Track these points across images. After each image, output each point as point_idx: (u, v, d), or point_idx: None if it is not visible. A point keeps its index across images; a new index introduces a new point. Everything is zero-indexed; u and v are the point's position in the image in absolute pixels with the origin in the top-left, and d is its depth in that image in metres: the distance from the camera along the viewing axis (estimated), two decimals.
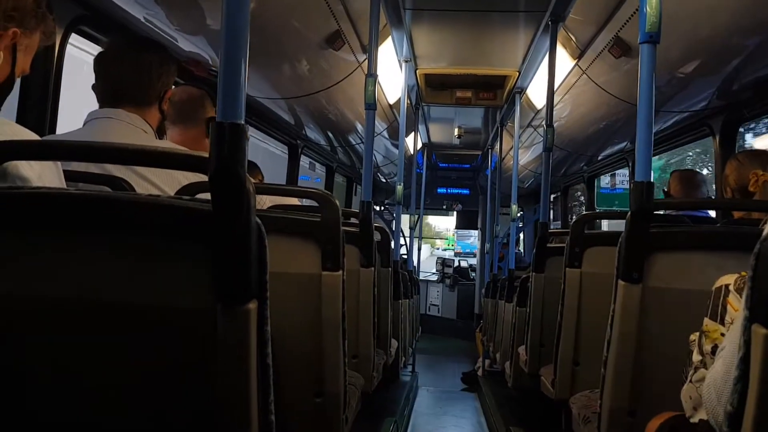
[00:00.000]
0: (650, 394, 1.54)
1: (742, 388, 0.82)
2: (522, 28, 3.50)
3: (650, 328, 1.52)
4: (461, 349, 7.98)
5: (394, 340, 3.19)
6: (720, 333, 1.14)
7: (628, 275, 1.51)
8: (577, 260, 2.16)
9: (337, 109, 4.23)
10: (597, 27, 2.85)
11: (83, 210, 0.83)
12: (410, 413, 4.21)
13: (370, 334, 2.26)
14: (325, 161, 5.79)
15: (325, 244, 1.62)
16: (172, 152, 0.86)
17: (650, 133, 1.55)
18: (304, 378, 1.65)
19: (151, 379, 0.87)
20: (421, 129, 6.58)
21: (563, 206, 6.72)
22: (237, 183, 0.81)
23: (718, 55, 2.49)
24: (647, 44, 1.56)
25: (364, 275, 2.22)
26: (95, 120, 1.56)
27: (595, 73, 3.24)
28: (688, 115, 3.29)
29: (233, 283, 0.82)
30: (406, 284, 4.05)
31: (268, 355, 0.88)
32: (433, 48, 4.03)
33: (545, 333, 2.71)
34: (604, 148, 4.77)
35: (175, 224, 0.83)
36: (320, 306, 1.63)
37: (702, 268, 1.50)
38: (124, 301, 0.85)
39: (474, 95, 4.93)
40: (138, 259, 0.84)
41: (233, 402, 0.85)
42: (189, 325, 0.86)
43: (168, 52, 1.71)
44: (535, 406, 3.29)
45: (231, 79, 0.83)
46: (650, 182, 1.50)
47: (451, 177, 9.73)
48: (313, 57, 3.12)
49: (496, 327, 4.86)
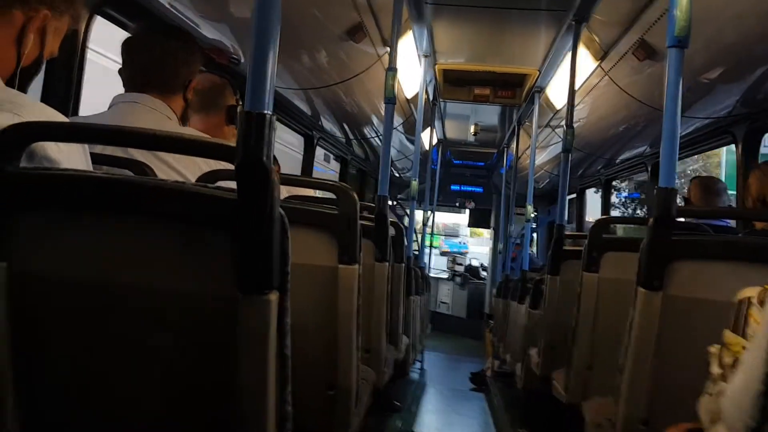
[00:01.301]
0: (666, 403, 1.52)
1: (764, 403, 0.81)
2: (544, 26, 3.47)
3: (669, 337, 1.49)
4: (470, 348, 7.96)
5: (405, 337, 3.19)
6: (741, 346, 1.12)
7: (649, 282, 1.48)
8: (595, 265, 2.14)
9: (355, 102, 4.22)
10: (622, 28, 2.81)
11: (110, 193, 0.83)
12: (418, 410, 4.21)
13: (383, 330, 2.25)
14: (339, 153, 5.78)
15: (342, 237, 1.62)
16: (200, 140, 0.86)
17: (676, 138, 1.52)
18: (317, 370, 1.64)
19: (171, 364, 0.87)
20: (437, 125, 6.56)
21: (578, 208, 6.67)
22: (263, 173, 0.80)
23: (743, 62, 2.46)
24: (675, 48, 1.54)
25: (378, 270, 2.21)
26: (121, 104, 1.56)
27: (617, 75, 3.21)
28: (710, 122, 3.25)
29: (255, 273, 0.82)
30: (417, 281, 4.04)
31: (286, 347, 0.88)
32: (453, 44, 4.01)
33: (558, 336, 2.68)
34: (622, 151, 4.73)
35: (199, 212, 0.82)
36: (336, 299, 1.63)
37: (724, 279, 1.47)
38: (146, 285, 0.84)
39: (492, 93, 4.90)
40: (162, 244, 0.84)
41: (251, 390, 0.85)
42: (210, 313, 0.86)
43: (194, 41, 1.71)
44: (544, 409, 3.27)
45: (260, 70, 0.83)
46: (673, 189, 1.48)
47: (465, 174, 9.70)
48: (334, 49, 3.11)
49: (506, 328, 4.84)
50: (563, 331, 2.45)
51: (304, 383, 1.60)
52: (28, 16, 1.05)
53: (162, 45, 1.61)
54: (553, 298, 2.71)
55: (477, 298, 9.40)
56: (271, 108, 0.82)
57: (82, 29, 1.97)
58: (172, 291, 0.85)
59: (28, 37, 1.05)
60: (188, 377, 0.88)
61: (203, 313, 0.86)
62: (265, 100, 0.82)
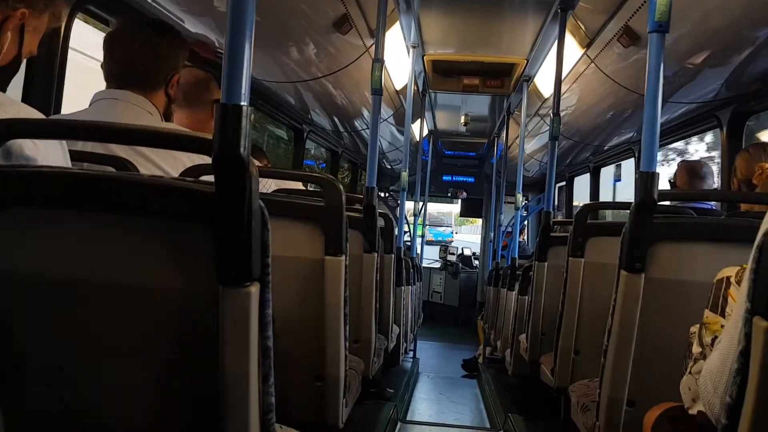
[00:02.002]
0: (649, 384, 1.54)
1: (741, 380, 0.83)
2: (531, 15, 3.48)
3: (651, 319, 1.52)
4: (463, 336, 8.01)
5: (396, 326, 3.20)
6: (720, 325, 1.14)
7: (631, 265, 1.50)
8: (580, 250, 2.16)
9: (344, 94, 4.22)
10: (606, 15, 2.82)
11: (86, 190, 0.83)
12: (410, 398, 4.23)
13: (372, 320, 2.26)
14: (330, 146, 5.78)
15: (328, 229, 1.63)
16: (175, 133, 0.86)
17: (656, 123, 1.54)
18: (305, 362, 1.66)
19: (154, 359, 0.88)
20: (428, 116, 6.56)
21: (568, 196, 6.70)
22: (240, 165, 0.80)
23: (728, 47, 2.47)
24: (656, 33, 1.55)
25: (367, 261, 2.22)
26: (101, 101, 1.56)
27: (603, 62, 3.22)
28: (696, 107, 3.27)
29: (235, 265, 0.83)
30: (408, 271, 4.06)
31: (269, 338, 0.88)
32: (441, 34, 4.01)
33: (546, 322, 2.71)
34: (610, 138, 4.75)
35: (177, 205, 0.83)
36: (323, 291, 1.64)
37: (705, 260, 1.49)
38: (127, 281, 0.85)
39: (481, 83, 4.91)
40: (140, 239, 0.84)
41: (234, 383, 0.85)
42: (192, 306, 0.86)
43: (179, 35, 1.70)
44: (535, 394, 3.31)
45: (235, 60, 0.83)
46: (655, 173, 1.50)
47: (457, 165, 9.71)
48: (320, 41, 3.11)
49: (497, 315, 4.87)
50: (551, 316, 2.47)
51: (292, 374, 1.63)
52: (5, 14, 1.04)
53: (144, 40, 1.60)
54: (540, 285, 2.74)
55: (469, 287, 9.45)
56: (247, 99, 0.83)
57: (63, 26, 1.96)
58: (153, 286, 0.86)
59: (6, 36, 1.05)
60: (171, 371, 0.88)
61: (185, 307, 0.86)
62: (241, 92, 0.82)
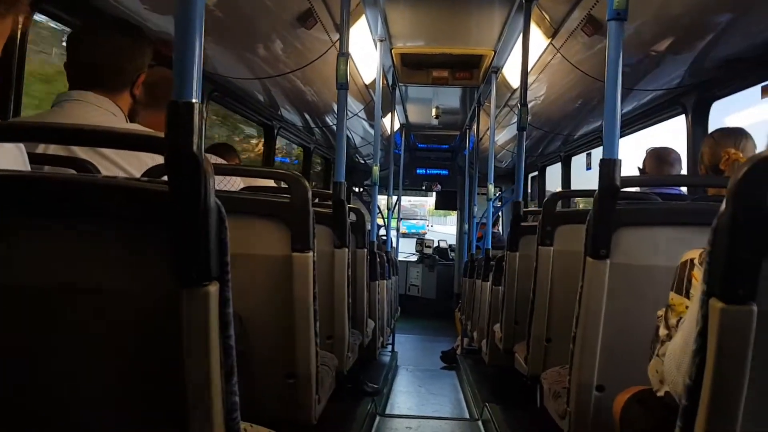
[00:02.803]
0: (617, 369, 1.56)
1: (700, 361, 0.84)
2: (497, 6, 3.50)
3: (617, 304, 1.54)
4: (441, 328, 8.05)
5: (371, 321, 3.20)
6: (685, 306, 1.16)
7: (596, 252, 1.52)
8: (549, 238, 2.18)
9: (313, 90, 4.20)
10: (570, 5, 2.85)
11: (35, 193, 0.81)
12: (389, 392, 4.24)
13: (345, 315, 2.26)
14: (302, 142, 5.75)
15: (295, 225, 1.61)
16: (128, 133, 0.84)
17: (617, 111, 1.56)
18: (275, 359, 1.65)
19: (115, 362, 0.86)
20: (399, 109, 6.55)
21: (540, 186, 6.76)
22: (193, 164, 0.79)
23: (690, 33, 2.50)
24: (615, 21, 1.57)
25: (338, 256, 2.22)
26: (63, 102, 1.53)
27: (569, 51, 3.24)
28: (661, 94, 3.31)
29: (192, 265, 0.81)
30: (383, 265, 4.06)
31: (230, 337, 0.87)
32: (408, 27, 4.01)
33: (519, 311, 2.73)
34: (579, 127, 4.80)
35: (131, 206, 0.81)
36: (291, 288, 1.63)
37: (668, 244, 1.52)
38: (84, 285, 0.83)
39: (450, 75, 4.92)
40: (95, 242, 0.82)
41: (196, 383, 0.84)
42: (150, 308, 0.85)
43: (143, 35, 1.67)
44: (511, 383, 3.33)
45: (185, 56, 0.81)
46: (617, 159, 1.51)
47: (430, 157, 9.74)
48: (286, 36, 3.09)
49: (473, 306, 4.90)
50: (524, 305, 2.49)
51: (263, 373, 1.62)
52: None
53: (108, 41, 1.57)
54: (513, 274, 2.76)
55: (446, 279, 9.50)
56: (198, 96, 0.82)
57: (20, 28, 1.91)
58: (111, 289, 0.84)
59: None
60: (133, 374, 0.87)
61: (143, 309, 0.85)
62: (192, 88, 0.81)
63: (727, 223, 0.79)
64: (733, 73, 2.73)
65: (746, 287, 0.79)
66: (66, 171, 1.40)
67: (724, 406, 0.82)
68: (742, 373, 0.80)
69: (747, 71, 2.63)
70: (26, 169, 1.14)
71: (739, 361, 0.80)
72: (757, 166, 0.78)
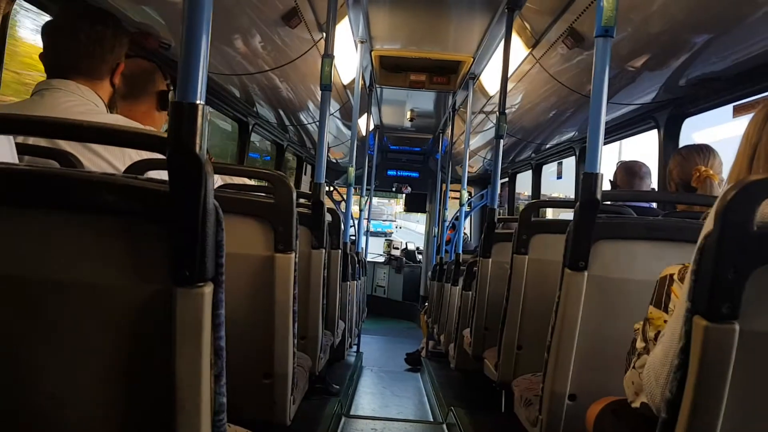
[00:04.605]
0: (590, 379, 1.60)
1: (681, 376, 0.87)
2: (478, 14, 3.53)
3: (594, 315, 1.57)
4: (406, 330, 8.08)
5: (342, 321, 3.21)
6: (663, 320, 1.19)
7: (575, 263, 1.55)
8: (524, 247, 2.21)
9: (290, 88, 4.18)
10: (552, 17, 2.88)
11: (34, 186, 0.80)
12: (354, 392, 4.25)
13: (319, 316, 2.26)
14: (275, 140, 5.71)
15: (278, 225, 1.61)
16: (130, 131, 0.83)
17: (601, 125, 1.59)
18: (253, 359, 1.64)
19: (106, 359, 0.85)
20: (374, 111, 6.56)
21: (510, 193, 6.84)
22: (195, 164, 0.79)
23: (667, 51, 2.56)
24: (602, 38, 1.59)
25: (315, 257, 2.22)
26: (44, 91, 1.50)
27: (547, 62, 3.29)
28: (635, 108, 3.38)
29: (189, 265, 0.81)
30: (354, 266, 4.06)
31: (221, 338, 0.87)
32: (390, 30, 4.02)
33: (490, 317, 2.76)
34: (552, 136, 4.87)
35: (130, 204, 0.80)
36: (272, 288, 1.62)
37: (644, 258, 1.55)
38: (76, 280, 0.82)
39: (428, 79, 4.95)
40: (91, 237, 0.82)
41: (186, 383, 0.84)
42: (143, 306, 0.84)
43: (121, 24, 1.65)
44: (477, 388, 3.37)
45: (192, 59, 0.81)
46: (599, 173, 1.54)
47: (402, 159, 9.78)
48: (268, 34, 3.06)
49: (441, 309, 4.93)
50: (495, 312, 2.52)
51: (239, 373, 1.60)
52: None
53: (88, 30, 1.55)
54: (485, 280, 2.78)
55: (413, 281, 9.56)
56: (203, 98, 0.81)
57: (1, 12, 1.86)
58: (105, 286, 0.83)
59: None
60: (122, 371, 0.86)
61: (136, 307, 0.84)
62: (197, 90, 0.81)
63: (714, 243, 0.82)
64: (707, 91, 2.80)
65: (730, 306, 0.82)
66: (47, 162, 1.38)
67: (702, 420, 0.85)
68: (722, 389, 0.83)
69: (720, 90, 2.71)
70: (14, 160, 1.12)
71: (720, 378, 0.83)
72: (746, 189, 0.81)
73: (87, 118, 1.04)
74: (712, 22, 2.18)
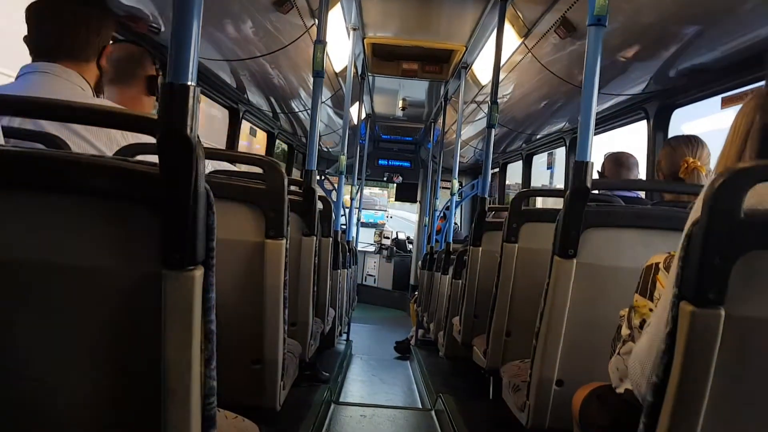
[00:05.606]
0: (577, 365, 1.62)
1: (667, 360, 0.88)
2: (471, 3, 3.52)
3: (582, 302, 1.58)
4: (396, 318, 8.11)
5: (332, 309, 3.21)
6: (648, 308, 1.21)
7: (564, 251, 1.56)
8: (514, 235, 2.22)
9: (282, 75, 4.16)
10: (545, 6, 2.88)
11: (22, 169, 0.79)
12: (344, 380, 4.26)
13: (309, 303, 2.26)
14: (266, 127, 5.69)
15: (270, 212, 1.61)
16: (120, 112, 0.83)
17: (592, 115, 1.60)
18: (243, 345, 1.64)
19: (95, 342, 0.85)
20: (366, 99, 6.55)
21: (501, 182, 6.86)
22: (186, 147, 0.79)
23: (658, 42, 2.57)
24: (595, 27, 1.60)
25: (306, 244, 2.22)
26: (29, 74, 1.48)
27: (540, 52, 3.29)
28: (625, 98, 3.40)
29: (179, 248, 0.81)
30: (345, 254, 4.07)
31: (212, 322, 0.87)
32: (382, 17, 4.00)
33: (479, 305, 2.78)
34: (543, 127, 4.88)
35: (120, 187, 0.80)
36: (262, 274, 1.62)
37: (631, 246, 1.57)
38: (65, 263, 0.82)
39: (420, 68, 4.95)
40: (80, 220, 0.81)
41: (176, 367, 0.84)
42: (133, 289, 0.84)
43: (107, 6, 1.63)
44: (465, 375, 3.39)
45: (183, 39, 0.80)
46: (589, 162, 1.55)
47: (393, 149, 9.78)
48: (259, 19, 3.04)
49: (431, 298, 4.95)
50: (484, 300, 2.54)
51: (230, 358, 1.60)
52: None
53: (74, 11, 1.53)
54: (475, 269, 2.80)
55: (403, 270, 9.59)
56: (194, 79, 0.81)
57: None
58: (94, 269, 0.83)
59: None
60: (113, 354, 0.86)
61: (126, 290, 0.84)
62: (188, 71, 0.80)
63: (702, 229, 0.83)
64: (697, 82, 2.81)
65: (716, 292, 0.83)
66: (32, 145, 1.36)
67: (688, 404, 0.86)
68: (707, 373, 0.84)
69: (710, 81, 2.72)
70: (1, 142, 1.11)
71: (705, 362, 0.84)
72: (734, 176, 0.81)
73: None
74: (702, 13, 2.19)
